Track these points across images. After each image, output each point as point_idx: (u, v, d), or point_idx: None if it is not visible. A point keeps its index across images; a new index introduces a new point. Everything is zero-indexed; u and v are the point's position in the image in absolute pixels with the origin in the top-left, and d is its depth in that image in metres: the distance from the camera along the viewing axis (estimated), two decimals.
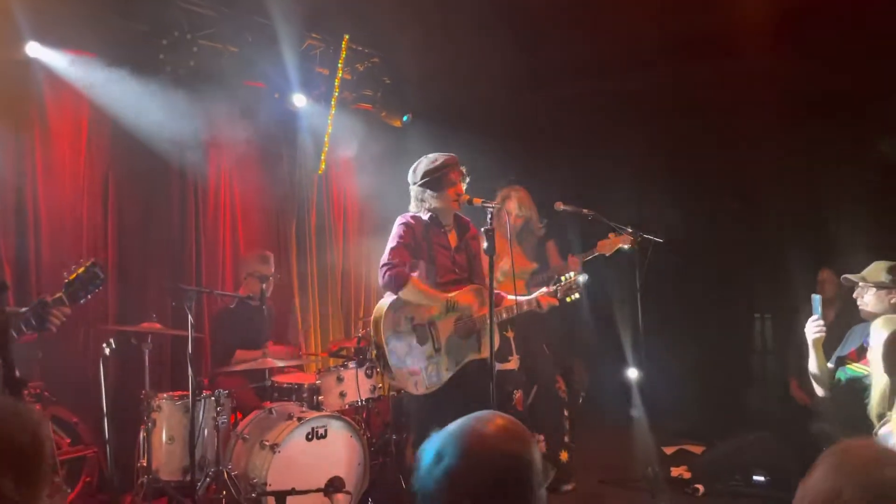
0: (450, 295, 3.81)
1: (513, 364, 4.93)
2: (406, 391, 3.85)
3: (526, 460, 1.33)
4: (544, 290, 4.00)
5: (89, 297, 3.18)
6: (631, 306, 5.04)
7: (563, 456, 5.14)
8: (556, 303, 3.97)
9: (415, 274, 3.83)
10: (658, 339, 5.97)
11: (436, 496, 1.28)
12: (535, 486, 1.32)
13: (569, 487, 5.16)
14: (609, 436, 6.34)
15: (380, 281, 3.76)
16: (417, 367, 3.72)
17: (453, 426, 1.39)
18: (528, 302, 3.96)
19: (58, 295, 3.07)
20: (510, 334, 4.53)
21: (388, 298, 3.78)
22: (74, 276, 3.12)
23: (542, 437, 5.14)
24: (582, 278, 4.00)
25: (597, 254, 4.91)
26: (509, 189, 5.29)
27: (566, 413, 5.24)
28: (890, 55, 5.46)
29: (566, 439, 5.21)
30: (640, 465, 5.10)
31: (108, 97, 5.11)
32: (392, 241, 3.83)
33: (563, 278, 4.01)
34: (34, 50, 4.82)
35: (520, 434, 1.37)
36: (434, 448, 1.34)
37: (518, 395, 5.08)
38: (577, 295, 3.98)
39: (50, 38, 4.86)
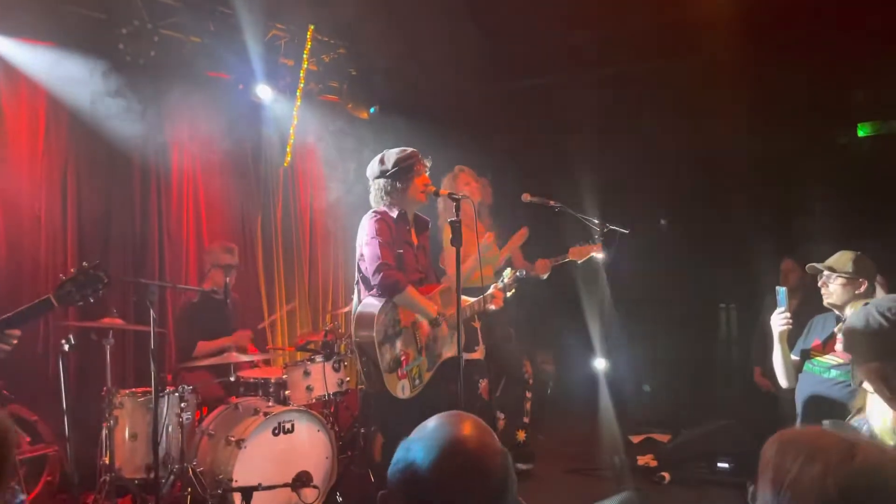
0: (437, 309, 3.78)
1: (479, 354, 4.95)
2: (379, 392, 3.71)
3: (503, 451, 1.36)
4: (492, 288, 4.01)
5: (90, 300, 3.03)
6: (597, 297, 5.09)
7: (520, 435, 5.25)
8: (502, 303, 3.99)
9: None
10: (624, 330, 6.04)
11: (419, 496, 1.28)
12: (513, 476, 1.36)
13: (525, 467, 5.26)
14: (576, 425, 6.40)
15: (375, 281, 3.61)
16: (405, 371, 3.66)
17: (428, 429, 1.38)
18: (481, 301, 3.96)
19: (44, 298, 2.93)
20: (476, 324, 4.53)
21: (375, 301, 3.65)
22: (70, 276, 2.98)
23: (502, 416, 5.24)
24: (519, 273, 4.06)
25: (568, 260, 4.94)
26: (457, 169, 5.29)
27: (528, 395, 5.31)
28: (851, 49, 5.56)
29: (525, 420, 5.28)
30: (607, 453, 5.16)
31: (65, 88, 4.99)
32: (376, 238, 3.66)
33: (504, 275, 4.05)
34: None
35: (488, 429, 1.40)
36: (414, 453, 1.32)
37: (483, 383, 5.12)
38: (513, 290, 4.04)
39: (4, 27, 4.72)
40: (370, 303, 3.66)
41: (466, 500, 1.27)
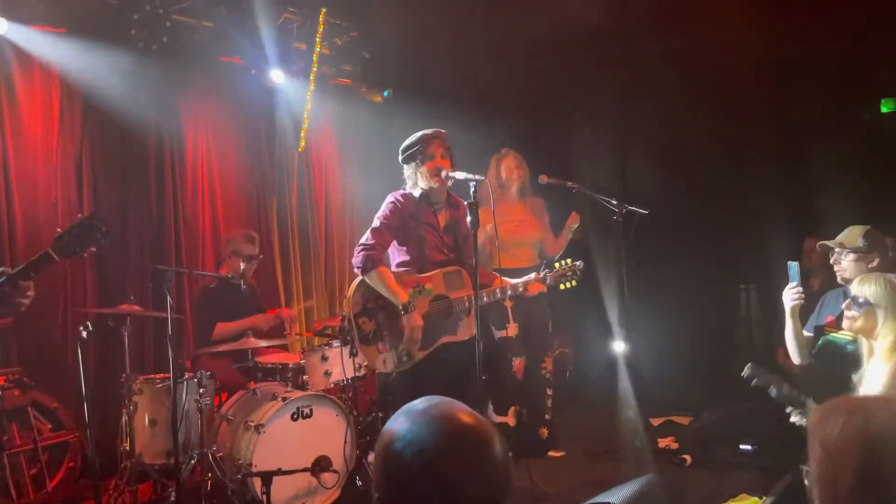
0: (413, 287, 3.72)
1: (510, 332, 4.93)
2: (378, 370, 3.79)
3: (500, 434, 1.32)
4: (533, 276, 3.90)
5: (92, 250, 2.88)
6: (616, 278, 5.03)
7: (544, 432, 5.23)
8: (545, 289, 3.89)
9: (398, 261, 3.81)
10: (644, 311, 5.97)
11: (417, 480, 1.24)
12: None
13: (557, 454, 5.28)
14: (596, 407, 6.35)
15: (353, 259, 3.73)
16: (386, 346, 3.69)
17: (420, 409, 1.34)
18: (514, 286, 3.86)
19: (44, 252, 2.84)
20: (508, 303, 4.48)
21: (359, 276, 3.75)
22: (66, 230, 2.89)
23: (525, 410, 5.24)
24: (579, 263, 3.92)
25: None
26: (505, 151, 5.34)
27: (549, 392, 5.30)
28: (874, 23, 5.42)
29: (547, 417, 5.29)
30: (628, 436, 5.12)
31: (79, 75, 4.99)
32: (375, 221, 3.77)
33: (556, 264, 3.92)
34: (0, 26, 4.67)
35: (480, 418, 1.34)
36: (412, 433, 1.28)
37: (518, 362, 5.09)
38: (573, 282, 3.88)
39: (17, 14, 4.72)
40: (356, 279, 3.78)
41: (474, 480, 1.23)
